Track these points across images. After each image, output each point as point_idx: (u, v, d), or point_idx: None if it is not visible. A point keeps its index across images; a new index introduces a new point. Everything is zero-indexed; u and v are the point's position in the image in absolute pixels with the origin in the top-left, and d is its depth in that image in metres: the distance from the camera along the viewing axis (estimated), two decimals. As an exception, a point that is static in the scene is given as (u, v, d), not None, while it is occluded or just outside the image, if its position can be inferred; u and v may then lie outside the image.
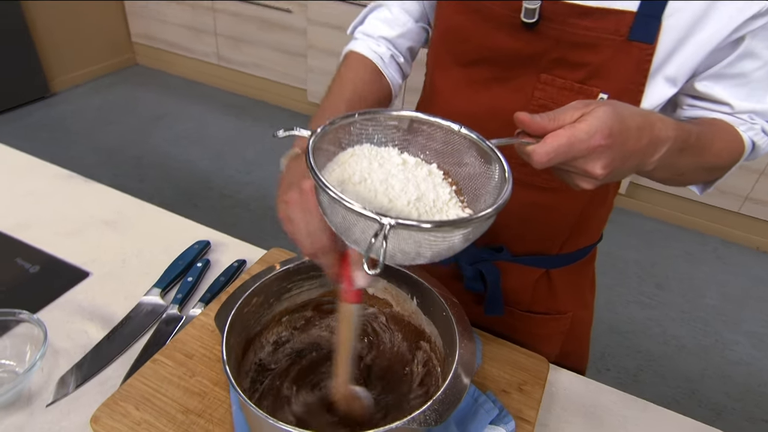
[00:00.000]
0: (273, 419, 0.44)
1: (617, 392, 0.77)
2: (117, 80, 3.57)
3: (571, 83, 0.63)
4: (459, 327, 0.52)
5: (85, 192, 1.05)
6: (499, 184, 0.46)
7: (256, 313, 0.59)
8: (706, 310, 2.16)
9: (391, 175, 0.48)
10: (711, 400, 1.80)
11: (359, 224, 0.42)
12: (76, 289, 0.84)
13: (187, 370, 0.66)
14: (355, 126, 0.51)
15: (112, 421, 0.60)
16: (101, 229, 0.96)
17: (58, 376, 0.70)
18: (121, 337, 0.75)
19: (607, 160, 0.47)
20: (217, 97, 3.42)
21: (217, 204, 2.50)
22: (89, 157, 2.76)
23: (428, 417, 0.44)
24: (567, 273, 0.82)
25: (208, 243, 0.92)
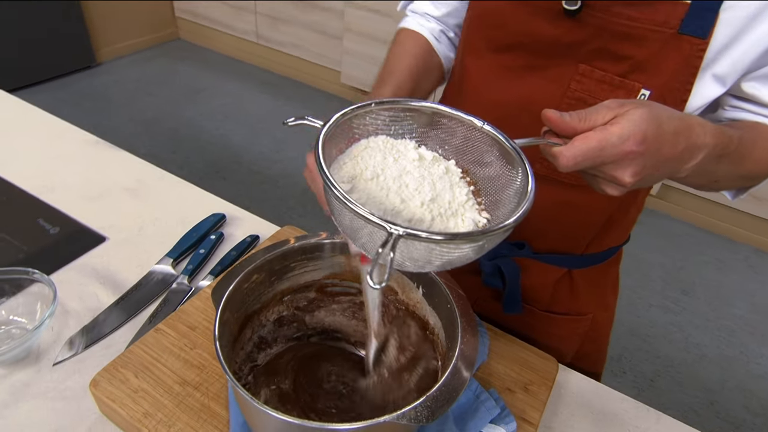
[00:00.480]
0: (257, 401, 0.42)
1: (630, 400, 0.72)
2: (159, 53, 3.60)
3: (612, 76, 0.58)
4: (462, 321, 0.49)
5: (110, 158, 1.04)
6: (521, 190, 0.43)
7: (255, 290, 0.57)
8: (732, 319, 2.06)
9: (406, 171, 0.44)
10: (730, 412, 1.72)
11: (366, 229, 0.39)
12: (92, 253, 0.83)
13: (188, 342, 0.65)
14: (370, 116, 0.47)
15: (111, 387, 0.59)
16: (122, 195, 0.95)
17: (67, 336, 0.70)
18: (129, 304, 0.75)
19: (638, 168, 0.43)
20: (253, 74, 3.42)
21: (245, 179, 2.50)
22: (127, 126, 2.80)
23: (419, 413, 0.41)
24: (590, 273, 0.77)
25: (223, 216, 0.91)
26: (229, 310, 0.52)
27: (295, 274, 0.60)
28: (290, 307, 0.62)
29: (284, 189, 2.46)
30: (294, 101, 3.17)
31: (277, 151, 2.71)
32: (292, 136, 2.84)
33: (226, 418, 0.57)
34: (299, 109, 3.08)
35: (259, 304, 0.59)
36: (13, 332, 0.69)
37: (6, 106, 1.17)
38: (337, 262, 0.60)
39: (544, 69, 0.62)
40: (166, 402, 0.58)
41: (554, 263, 0.75)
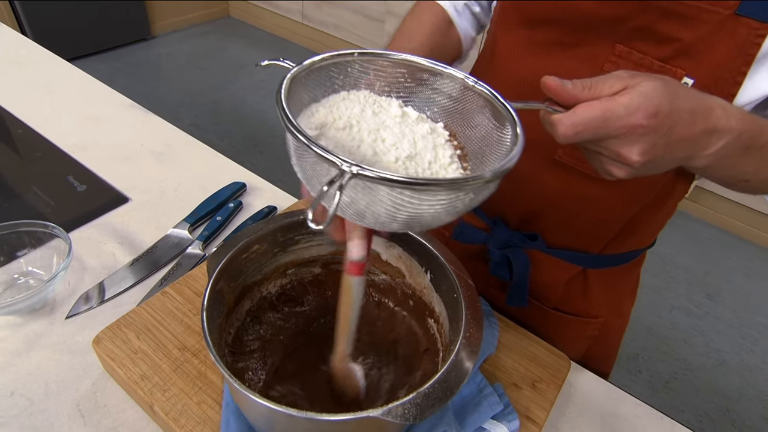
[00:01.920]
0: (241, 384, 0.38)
1: (644, 406, 0.65)
2: (209, 29, 3.59)
3: (651, 60, 0.50)
4: (468, 313, 0.43)
5: (141, 122, 1.02)
6: (510, 150, 0.36)
7: (256, 261, 0.52)
8: (757, 328, 1.94)
9: (385, 126, 0.38)
10: (746, 422, 1.62)
11: (321, 170, 0.33)
12: (114, 212, 0.81)
13: (192, 308, 0.61)
14: (352, 67, 0.41)
15: (113, 346, 0.57)
16: (148, 158, 0.92)
17: (81, 291, 0.68)
18: (143, 265, 0.72)
19: (647, 146, 0.36)
20: (296, 52, 3.37)
21: (280, 153, 2.47)
22: (174, 96, 2.80)
23: (407, 411, 0.36)
24: (606, 275, 0.69)
25: (243, 185, 0.87)
26: (224, 279, 0.48)
27: (299, 248, 0.55)
28: (293, 282, 0.57)
29: (317, 166, 2.43)
30: (333, 82, 3.12)
31: (313, 129, 2.68)
32: (328, 116, 2.79)
33: (220, 388, 0.53)
34: (338, 89, 3.03)
35: (260, 275, 0.54)
36: (30, 283, 0.68)
37: (54, 70, 1.16)
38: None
39: (575, 46, 0.54)
40: (163, 366, 0.55)
41: (568, 260, 0.67)
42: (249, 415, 0.45)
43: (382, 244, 0.54)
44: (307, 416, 0.36)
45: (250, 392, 0.37)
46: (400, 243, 0.53)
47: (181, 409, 0.51)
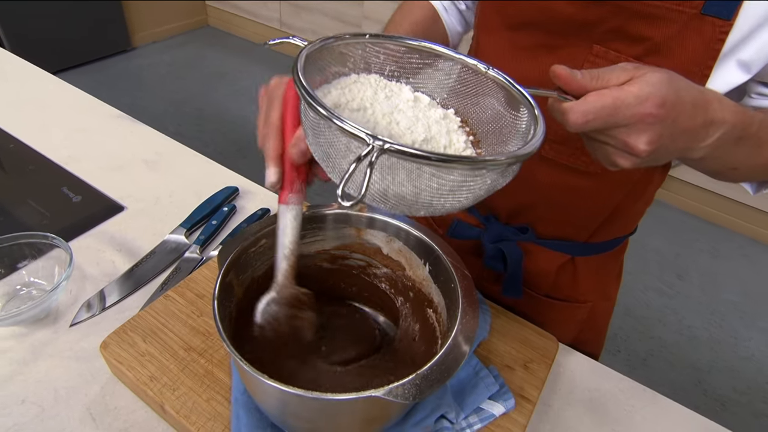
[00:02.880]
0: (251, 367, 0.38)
1: (627, 380, 0.68)
2: (189, 39, 3.55)
3: (627, 58, 0.51)
4: (464, 301, 0.44)
5: (131, 131, 1.01)
6: (525, 135, 0.36)
7: (263, 255, 0.53)
8: (724, 304, 2.00)
9: (398, 110, 0.38)
10: (717, 391, 1.67)
11: (339, 146, 0.32)
12: (111, 221, 0.80)
13: (195, 309, 0.61)
14: (364, 49, 0.40)
15: (120, 350, 0.56)
16: (141, 167, 0.92)
17: (84, 299, 0.67)
18: (143, 271, 0.72)
19: (654, 135, 0.36)
20: (277, 59, 3.36)
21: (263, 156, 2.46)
22: (158, 106, 2.77)
23: (407, 391, 0.37)
24: (593, 262, 0.71)
25: (236, 189, 0.87)
26: (233, 272, 0.48)
27: (305, 243, 0.55)
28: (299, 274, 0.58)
29: (302, 168, 2.42)
30: (314, 86, 3.11)
31: (296, 133, 2.67)
32: (310, 119, 2.79)
33: (228, 385, 0.54)
34: (318, 93, 3.02)
35: (266, 269, 0.54)
36: (33, 293, 0.67)
37: (40, 84, 1.14)
38: (348, 233, 0.56)
39: (557, 48, 0.55)
40: (171, 366, 0.55)
41: (557, 249, 0.69)
42: (260, 400, 0.45)
43: (383, 239, 0.55)
44: (315, 396, 0.37)
45: (263, 376, 0.37)
46: (399, 237, 0.54)
47: (191, 407, 0.52)
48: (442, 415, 0.51)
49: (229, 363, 0.56)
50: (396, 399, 0.36)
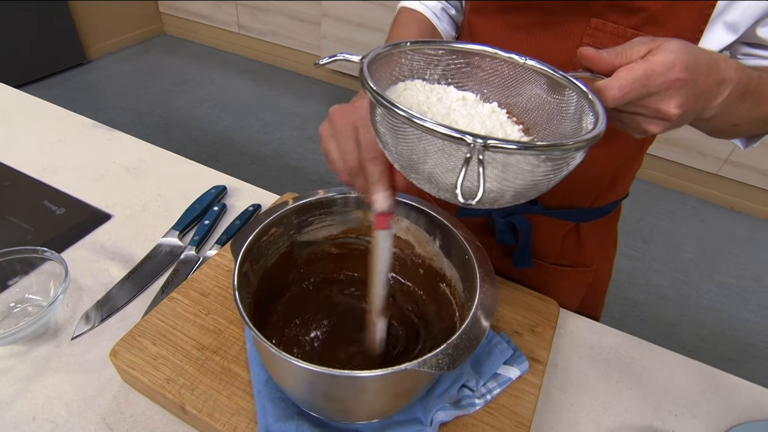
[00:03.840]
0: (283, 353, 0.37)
1: (623, 334, 0.70)
2: (147, 48, 3.42)
3: (624, 29, 0.52)
4: (481, 271, 0.44)
5: (108, 140, 0.96)
6: (576, 117, 0.37)
7: (274, 243, 0.51)
8: (685, 262, 2.09)
9: (453, 110, 0.38)
10: (687, 342, 1.75)
11: (434, 150, 0.31)
12: (99, 230, 0.76)
13: (202, 308, 0.59)
14: (405, 57, 0.40)
15: (131, 356, 0.54)
16: (123, 174, 0.88)
17: (82, 311, 0.64)
18: (140, 277, 0.69)
19: (683, 98, 0.37)
20: (237, 63, 3.28)
21: (237, 160, 2.40)
22: (122, 117, 2.66)
23: (440, 361, 0.36)
24: (595, 227, 0.73)
25: (224, 188, 0.84)
26: (248, 262, 0.47)
27: (312, 229, 0.54)
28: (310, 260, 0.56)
29: (275, 169, 2.38)
30: (277, 87, 3.05)
31: (265, 134, 2.62)
32: (278, 119, 2.74)
33: (247, 379, 0.52)
34: (282, 94, 2.97)
35: (278, 257, 0.53)
36: (29, 310, 0.63)
37: (2, 98, 1.08)
38: (354, 216, 0.55)
39: (555, 25, 0.55)
40: (186, 367, 0.53)
41: (563, 218, 0.70)
42: (290, 386, 0.44)
43: (390, 219, 0.54)
44: (348, 374, 0.36)
45: (297, 360, 0.36)
46: (408, 216, 0.53)
47: (213, 405, 0.50)
48: (463, 384, 0.51)
49: (245, 358, 0.54)
50: (431, 370, 0.36)
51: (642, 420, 0.60)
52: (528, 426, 0.51)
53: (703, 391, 0.64)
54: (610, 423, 0.59)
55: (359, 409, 0.43)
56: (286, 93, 2.98)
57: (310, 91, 3.03)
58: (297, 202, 0.52)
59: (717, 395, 0.64)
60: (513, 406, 0.53)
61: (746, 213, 2.41)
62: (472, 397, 0.51)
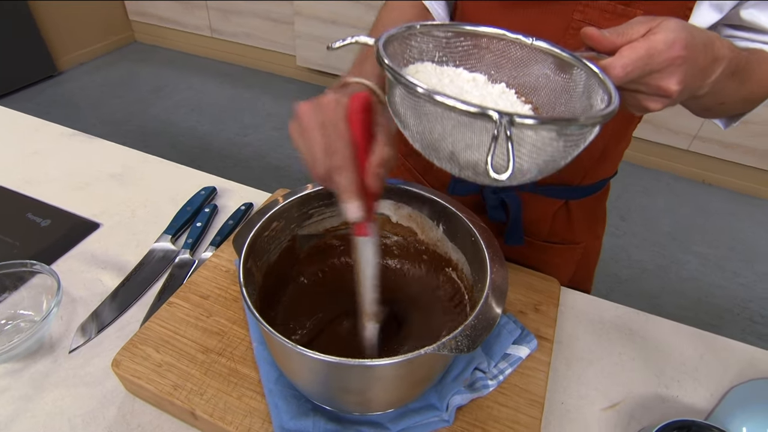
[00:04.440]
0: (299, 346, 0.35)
1: (621, 307, 0.70)
2: (118, 57, 3.32)
3: (614, 5, 0.51)
4: (489, 252, 0.43)
5: (89, 148, 0.92)
6: (585, 95, 0.36)
7: (276, 238, 0.49)
8: (662, 236, 2.12)
9: (465, 91, 0.37)
10: (670, 312, 1.78)
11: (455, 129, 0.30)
12: (88, 240, 0.73)
13: (203, 311, 0.57)
14: (415, 39, 0.39)
15: (134, 365, 0.51)
16: (108, 182, 0.84)
17: (77, 323, 0.61)
18: (135, 283, 0.66)
19: (683, 75, 0.37)
20: (211, 67, 3.21)
21: (218, 164, 2.36)
22: (98, 128, 2.58)
23: (460, 343, 0.35)
24: (584, 204, 0.73)
25: (214, 189, 0.82)
26: (252, 259, 0.45)
27: (313, 222, 0.52)
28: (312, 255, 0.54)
29: (256, 170, 2.34)
30: (254, 88, 3.00)
31: (244, 135, 2.57)
32: (257, 120, 2.69)
33: (256, 379, 0.50)
34: (259, 95, 2.92)
35: (281, 251, 0.51)
36: (21, 326, 0.60)
37: (-29, 110, 1.02)
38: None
39: (545, 2, 0.54)
40: (193, 371, 0.51)
41: (553, 195, 0.70)
42: (305, 381, 0.42)
43: (391, 207, 0.53)
44: (365, 363, 0.34)
45: (310, 351, 0.35)
46: (409, 202, 0.52)
47: (224, 408, 0.48)
48: (475, 367, 0.50)
49: (251, 358, 0.52)
50: (451, 352, 0.34)
51: (647, 388, 0.60)
52: (542, 403, 0.51)
53: (701, 356, 0.65)
54: (618, 394, 0.59)
55: (377, 398, 0.41)
56: (263, 94, 2.93)
57: (287, 91, 2.99)
58: (296, 195, 0.49)
59: (714, 358, 0.65)
60: (525, 384, 0.52)
61: (716, 185, 2.46)
62: (484, 379, 0.50)
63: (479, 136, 0.30)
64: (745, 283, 1.97)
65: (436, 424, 0.46)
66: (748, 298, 1.91)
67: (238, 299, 0.58)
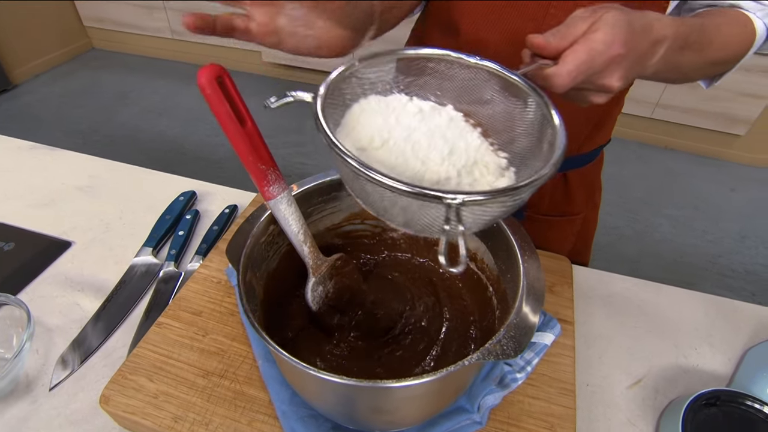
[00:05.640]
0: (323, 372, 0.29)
1: (630, 279, 0.66)
2: (76, 66, 3.11)
3: None
4: (516, 239, 0.37)
5: (51, 161, 0.83)
6: (537, 119, 0.35)
7: (275, 243, 0.42)
8: (634, 202, 2.13)
9: (413, 129, 0.34)
10: (649, 275, 1.77)
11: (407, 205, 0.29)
12: (60, 261, 0.64)
13: (198, 330, 0.50)
14: (356, 76, 0.36)
15: (126, 399, 0.44)
16: (76, 196, 0.75)
17: (56, 356, 0.53)
18: (118, 304, 0.58)
19: (624, 71, 0.37)
20: (176, 70, 3.04)
21: (193, 166, 2.24)
22: (63, 141, 2.40)
23: (505, 347, 0.30)
24: (581, 174, 0.70)
25: (193, 193, 0.74)
26: (250, 270, 0.38)
27: (313, 220, 0.45)
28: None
29: (232, 170, 2.23)
30: (222, 88, 2.86)
31: (216, 136, 2.44)
32: (229, 121, 2.57)
33: (265, 400, 0.44)
34: (229, 95, 2.78)
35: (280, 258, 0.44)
36: (-10, 367, 0.51)
37: None
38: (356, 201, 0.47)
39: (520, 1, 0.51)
40: (194, 399, 0.44)
41: None
42: (325, 402, 0.36)
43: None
44: (405, 384, 0.29)
45: (338, 377, 0.29)
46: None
47: (233, 436, 0.41)
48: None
49: (258, 377, 0.46)
50: (498, 359, 0.29)
51: (667, 360, 0.57)
52: (573, 390, 0.46)
53: (712, 321, 0.62)
54: (640, 369, 0.55)
55: (410, 415, 0.36)
56: (232, 93, 2.80)
57: (254, 88, 2.86)
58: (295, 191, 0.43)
59: (725, 322, 0.62)
60: (553, 372, 0.47)
61: (678, 150, 2.49)
62: (512, 373, 0.45)
63: (429, 210, 0.28)
64: (713, 240, 1.99)
65: (468, 427, 0.41)
66: (717, 253, 1.94)
67: (235, 312, 0.52)
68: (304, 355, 0.43)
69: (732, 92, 2.22)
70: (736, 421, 0.49)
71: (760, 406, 0.49)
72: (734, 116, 2.28)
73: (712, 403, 0.50)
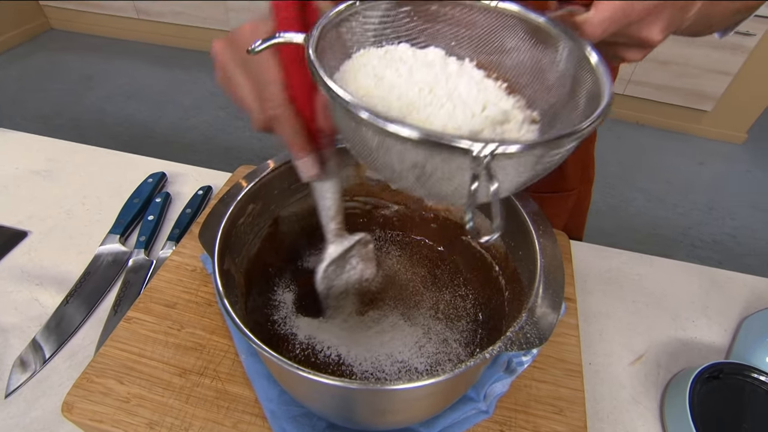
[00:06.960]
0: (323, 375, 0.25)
1: (626, 253, 0.64)
2: (35, 48, 2.90)
3: None
4: (527, 211, 0.33)
5: (4, 144, 0.74)
6: (569, 67, 0.29)
7: (254, 225, 0.37)
8: (610, 177, 2.14)
9: (426, 83, 0.28)
10: (628, 247, 1.80)
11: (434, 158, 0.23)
12: (15, 252, 0.57)
13: (172, 323, 0.44)
14: (356, 19, 0.30)
15: (92, 405, 0.39)
16: (33, 180, 0.67)
17: (13, 358, 0.47)
18: (82, 298, 0.52)
19: (666, 22, 0.32)
20: (142, 50, 2.87)
21: (163, 149, 2.12)
22: (24, 126, 2.24)
23: (529, 335, 0.26)
24: (575, 149, 0.66)
25: (163, 174, 0.67)
26: (228, 256, 0.33)
27: (297, 198, 0.40)
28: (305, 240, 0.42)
29: (205, 153, 2.13)
30: (190, 69, 2.72)
31: (187, 119, 2.33)
32: (198, 102, 2.45)
33: (251, 398, 0.39)
34: (197, 75, 2.65)
35: (261, 242, 0.39)
36: (-66, 373, 0.45)
37: None
38: (345, 174, 0.41)
39: None
40: (171, 402, 0.39)
41: None
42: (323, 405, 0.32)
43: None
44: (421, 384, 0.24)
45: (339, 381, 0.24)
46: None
47: (216, 441, 0.36)
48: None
49: (241, 372, 0.41)
50: (521, 348, 0.25)
51: (666, 333, 0.54)
52: (580, 371, 0.43)
53: (707, 292, 0.60)
54: (641, 344, 0.53)
55: (417, 414, 0.32)
56: (201, 74, 2.67)
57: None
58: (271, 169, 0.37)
59: (719, 293, 0.60)
60: (558, 353, 0.44)
61: (649, 125, 2.51)
62: (518, 356, 0.41)
63: (449, 166, 0.23)
64: (683, 212, 2.02)
65: (475, 417, 0.38)
66: (687, 225, 1.97)
67: (212, 303, 0.46)
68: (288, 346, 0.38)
69: (700, 69, 2.23)
70: (740, 393, 0.47)
71: (765, 378, 0.47)
72: (701, 92, 2.30)
73: (715, 376, 0.48)
